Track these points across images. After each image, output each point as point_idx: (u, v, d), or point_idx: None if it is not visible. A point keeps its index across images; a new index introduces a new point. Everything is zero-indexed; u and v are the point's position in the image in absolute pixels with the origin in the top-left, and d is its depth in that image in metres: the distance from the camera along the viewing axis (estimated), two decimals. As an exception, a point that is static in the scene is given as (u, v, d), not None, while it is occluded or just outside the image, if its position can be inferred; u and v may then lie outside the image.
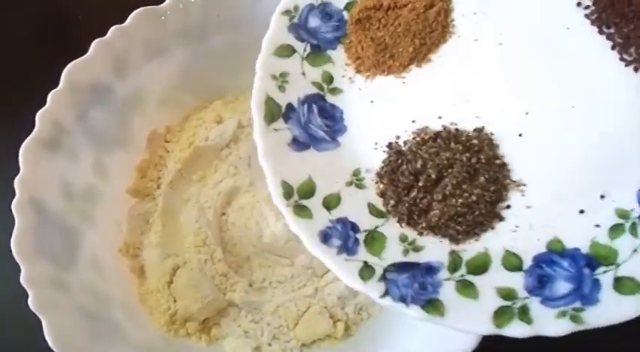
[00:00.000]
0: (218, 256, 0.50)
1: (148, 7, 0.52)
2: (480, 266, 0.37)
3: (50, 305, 0.43)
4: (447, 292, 0.36)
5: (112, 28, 0.51)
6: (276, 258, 0.52)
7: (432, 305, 0.35)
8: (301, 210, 0.38)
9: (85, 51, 0.50)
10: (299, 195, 0.39)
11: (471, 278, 0.36)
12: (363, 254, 0.37)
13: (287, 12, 0.45)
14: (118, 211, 0.53)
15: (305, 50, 0.44)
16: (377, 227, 0.38)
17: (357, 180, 0.40)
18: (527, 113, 0.41)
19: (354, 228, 0.38)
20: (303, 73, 0.43)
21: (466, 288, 0.36)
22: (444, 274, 0.36)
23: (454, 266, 0.37)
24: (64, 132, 0.49)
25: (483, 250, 0.38)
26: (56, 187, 0.48)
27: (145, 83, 0.54)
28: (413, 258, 0.37)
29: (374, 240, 0.38)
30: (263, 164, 0.39)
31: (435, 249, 0.38)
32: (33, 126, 0.47)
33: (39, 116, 0.47)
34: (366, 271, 0.36)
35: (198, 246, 0.51)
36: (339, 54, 0.45)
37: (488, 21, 0.44)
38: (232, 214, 0.53)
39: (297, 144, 0.41)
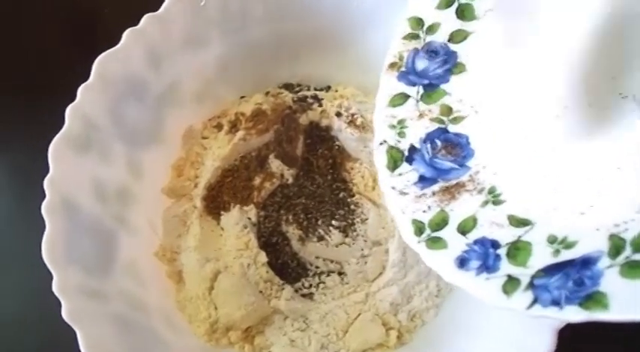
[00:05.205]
0: (262, 260, 0.49)
1: (185, -7, 0.51)
2: None
3: (84, 315, 0.41)
4: (610, 280, 0.32)
5: (146, 16, 0.49)
6: (325, 262, 0.51)
7: (592, 300, 0.32)
8: (435, 243, 0.38)
9: (115, 44, 0.49)
10: (431, 229, 0.39)
11: (638, 256, 0.32)
12: (506, 268, 0.35)
13: (393, 64, 0.46)
14: (153, 213, 0.52)
15: (418, 92, 0.45)
16: (520, 237, 0.37)
17: (493, 198, 0.40)
18: None
19: (494, 244, 0.37)
20: (421, 114, 0.44)
21: (634, 269, 0.32)
22: (605, 262, 0.33)
23: (616, 251, 0.33)
24: (95, 128, 0.48)
25: None
26: (88, 187, 0.47)
27: (180, 75, 0.54)
28: (566, 256, 0.34)
29: (518, 250, 0.36)
30: (391, 211, 0.41)
31: (590, 240, 0.34)
32: (63, 123, 0.46)
33: (69, 111, 0.46)
34: (510, 284, 0.35)
35: (240, 250, 0.49)
36: (453, 84, 0.45)
37: None
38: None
39: (425, 181, 0.42)
